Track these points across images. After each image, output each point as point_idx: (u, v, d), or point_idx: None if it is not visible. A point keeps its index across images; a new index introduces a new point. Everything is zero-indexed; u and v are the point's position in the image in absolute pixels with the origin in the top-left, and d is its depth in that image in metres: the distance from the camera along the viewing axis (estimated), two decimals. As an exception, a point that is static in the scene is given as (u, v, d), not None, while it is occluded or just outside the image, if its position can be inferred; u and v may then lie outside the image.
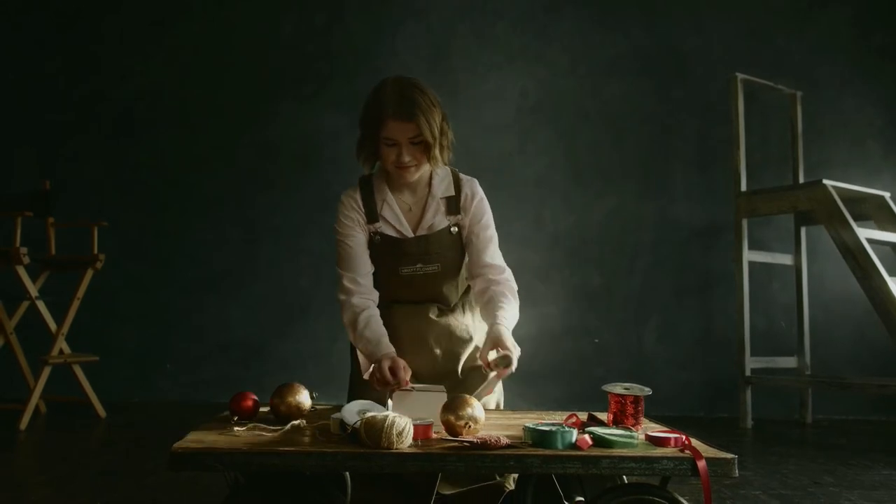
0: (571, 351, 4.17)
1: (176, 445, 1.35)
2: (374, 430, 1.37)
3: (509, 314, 1.83)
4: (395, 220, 1.92)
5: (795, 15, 4.39)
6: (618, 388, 1.61)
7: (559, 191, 4.30)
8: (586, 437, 1.41)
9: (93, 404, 3.57)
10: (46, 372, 3.37)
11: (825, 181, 3.50)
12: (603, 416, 1.69)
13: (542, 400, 3.96)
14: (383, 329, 1.83)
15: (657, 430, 1.52)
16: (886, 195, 3.75)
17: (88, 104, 4.32)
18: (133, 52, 4.34)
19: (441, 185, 1.94)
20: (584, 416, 1.71)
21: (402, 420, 1.39)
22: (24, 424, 3.23)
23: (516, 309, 1.88)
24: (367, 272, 1.91)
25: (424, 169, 1.87)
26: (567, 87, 4.35)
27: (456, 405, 1.50)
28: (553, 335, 4.14)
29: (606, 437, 1.43)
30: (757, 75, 3.94)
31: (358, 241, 1.91)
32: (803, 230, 3.98)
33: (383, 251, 1.92)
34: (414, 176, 1.86)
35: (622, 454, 1.36)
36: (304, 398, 1.65)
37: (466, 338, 1.92)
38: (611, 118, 4.34)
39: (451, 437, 1.47)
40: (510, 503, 1.73)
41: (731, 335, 3.92)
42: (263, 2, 4.39)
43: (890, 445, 3.30)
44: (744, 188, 3.81)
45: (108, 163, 4.28)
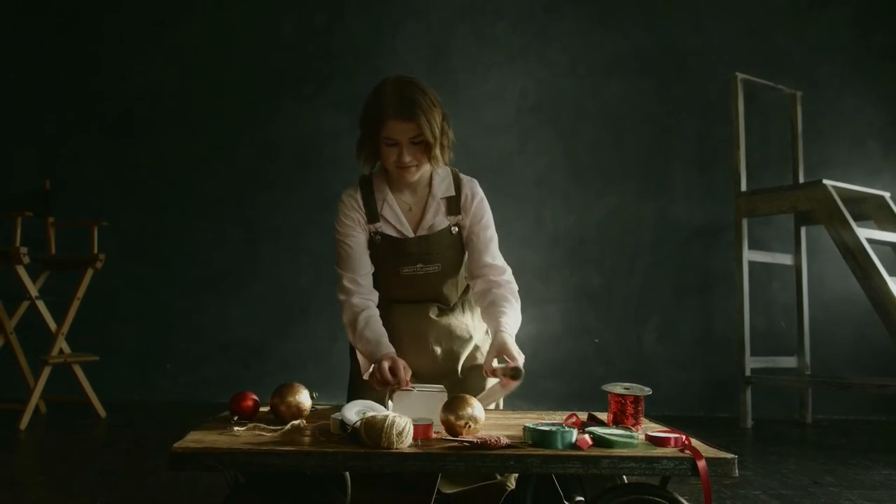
0: (571, 351, 4.17)
1: (176, 445, 1.35)
2: (374, 430, 1.36)
3: (512, 320, 1.83)
4: (396, 220, 1.92)
5: (795, 15, 4.40)
6: (618, 388, 1.60)
7: (559, 191, 4.30)
8: (586, 437, 1.41)
9: (93, 404, 3.57)
10: (46, 372, 3.37)
11: (825, 181, 3.50)
12: (603, 415, 1.69)
13: (542, 400, 3.95)
14: (383, 329, 1.83)
15: (657, 430, 1.52)
16: (886, 195, 3.75)
17: (88, 104, 4.32)
18: (133, 52, 4.34)
19: (441, 186, 1.94)
20: (584, 415, 1.71)
21: (402, 420, 1.39)
22: (24, 424, 3.23)
23: (518, 312, 1.88)
24: (367, 272, 1.91)
25: (425, 169, 1.87)
26: (567, 87, 4.35)
27: (456, 405, 1.50)
28: (553, 335, 4.14)
29: (606, 437, 1.43)
30: (757, 75, 3.94)
31: (358, 241, 1.91)
32: (803, 230, 3.98)
33: (384, 251, 1.92)
34: (414, 176, 1.86)
35: (622, 454, 1.36)
36: (304, 398, 1.65)
37: (466, 337, 1.92)
38: (611, 118, 4.34)
39: (451, 437, 1.46)
40: (511, 502, 1.73)
41: (731, 335, 3.93)
42: (263, 2, 4.39)
43: (890, 445, 3.30)
44: (744, 188, 3.81)
45: (108, 163, 4.29)
